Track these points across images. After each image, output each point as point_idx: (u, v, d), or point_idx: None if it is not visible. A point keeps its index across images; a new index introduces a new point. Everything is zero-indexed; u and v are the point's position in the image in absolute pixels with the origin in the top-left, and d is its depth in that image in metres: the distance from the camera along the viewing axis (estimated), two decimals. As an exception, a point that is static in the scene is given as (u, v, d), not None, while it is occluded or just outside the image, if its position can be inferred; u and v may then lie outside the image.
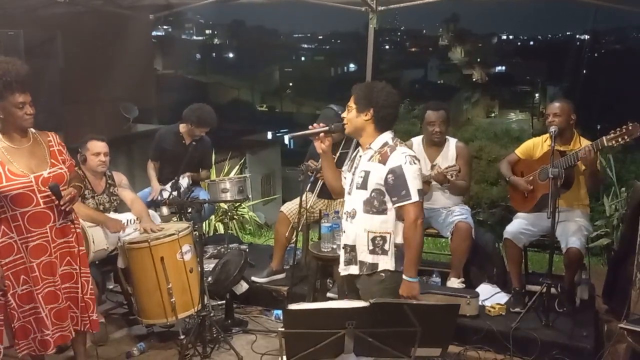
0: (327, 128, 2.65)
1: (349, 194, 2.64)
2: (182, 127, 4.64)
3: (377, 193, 2.51)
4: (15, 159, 2.65)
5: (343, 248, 2.65)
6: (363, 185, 2.54)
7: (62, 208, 2.71)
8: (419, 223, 2.45)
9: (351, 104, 2.60)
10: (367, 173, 2.54)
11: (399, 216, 2.50)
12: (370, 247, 2.54)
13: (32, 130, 2.77)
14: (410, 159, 2.48)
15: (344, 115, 2.66)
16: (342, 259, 2.66)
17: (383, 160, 2.50)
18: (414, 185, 2.45)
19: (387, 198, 2.50)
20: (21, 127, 2.68)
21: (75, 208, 2.85)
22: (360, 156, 2.64)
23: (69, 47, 5.00)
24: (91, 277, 2.99)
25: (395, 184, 2.46)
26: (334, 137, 2.73)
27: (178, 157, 4.57)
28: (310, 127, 2.70)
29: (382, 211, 2.52)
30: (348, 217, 2.63)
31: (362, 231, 2.56)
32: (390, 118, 2.57)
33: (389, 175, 2.47)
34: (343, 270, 2.65)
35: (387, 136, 2.58)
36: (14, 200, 2.62)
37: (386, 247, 2.52)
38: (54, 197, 2.69)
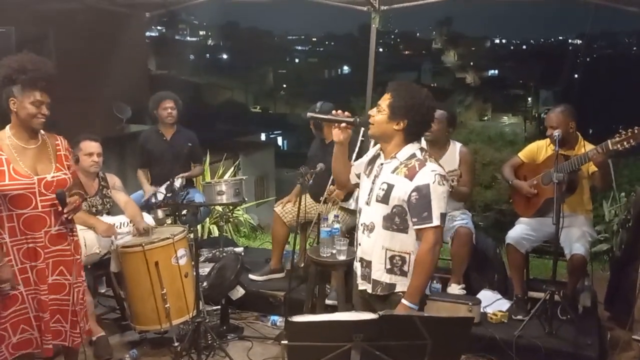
0: (352, 120, 2.41)
1: (367, 204, 2.41)
2: (159, 125, 4.67)
3: (399, 210, 2.29)
4: (22, 158, 2.59)
5: (359, 261, 2.47)
6: (384, 200, 2.31)
7: (65, 216, 2.63)
8: (436, 249, 2.26)
9: (384, 106, 2.33)
10: (390, 186, 2.31)
11: (419, 236, 2.31)
12: (388, 267, 2.35)
13: (42, 132, 2.71)
14: (439, 178, 2.26)
15: (371, 112, 2.39)
16: (358, 272, 2.49)
17: (410, 176, 2.27)
18: (437, 207, 2.24)
19: (409, 216, 2.30)
20: (31, 126, 2.60)
21: None
22: (382, 164, 2.39)
23: (62, 44, 4.90)
24: (85, 286, 2.89)
25: (418, 204, 2.25)
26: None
27: (164, 155, 4.58)
28: (334, 112, 2.47)
29: (403, 229, 2.31)
30: (365, 229, 2.41)
31: (379, 248, 2.36)
32: (422, 132, 2.39)
33: (414, 193, 2.25)
34: (360, 284, 2.48)
35: (415, 147, 2.35)
36: (13, 201, 2.55)
37: (405, 268, 2.32)
38: (54, 202, 2.61)
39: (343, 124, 2.40)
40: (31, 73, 2.53)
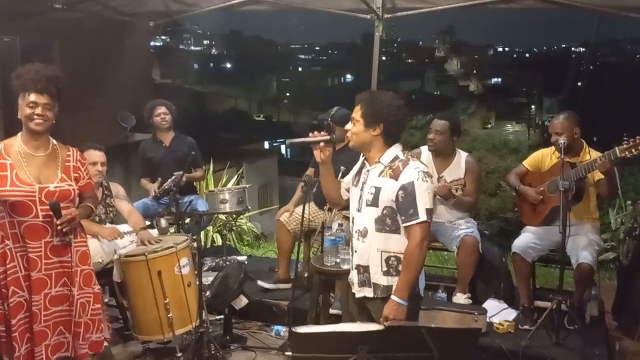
0: (328, 137, 2.50)
1: (359, 210, 2.48)
2: (157, 133, 4.71)
3: (389, 211, 2.37)
4: (28, 165, 2.59)
5: (356, 268, 2.51)
6: (374, 203, 2.40)
7: (59, 228, 2.60)
8: (424, 245, 2.33)
9: (357, 117, 2.44)
10: (377, 189, 2.39)
11: (407, 234, 2.36)
12: (384, 269, 2.40)
13: (54, 141, 2.71)
14: (422, 175, 2.35)
15: (347, 127, 2.50)
16: (355, 280, 2.51)
17: (395, 176, 2.37)
18: (422, 203, 2.31)
19: (398, 216, 2.37)
20: (30, 128, 2.59)
21: None
22: (368, 170, 2.48)
23: (67, 53, 4.92)
24: (98, 294, 2.83)
25: (404, 202, 2.33)
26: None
27: (164, 161, 4.59)
28: (310, 134, 2.55)
29: (395, 230, 2.38)
30: (359, 235, 2.47)
31: (375, 251, 2.42)
32: (400, 132, 2.45)
33: (400, 192, 2.34)
34: (358, 291, 2.51)
35: (397, 149, 2.44)
36: (13, 207, 2.55)
37: (400, 268, 2.37)
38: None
39: (322, 144, 2.49)
40: (24, 76, 2.55)
